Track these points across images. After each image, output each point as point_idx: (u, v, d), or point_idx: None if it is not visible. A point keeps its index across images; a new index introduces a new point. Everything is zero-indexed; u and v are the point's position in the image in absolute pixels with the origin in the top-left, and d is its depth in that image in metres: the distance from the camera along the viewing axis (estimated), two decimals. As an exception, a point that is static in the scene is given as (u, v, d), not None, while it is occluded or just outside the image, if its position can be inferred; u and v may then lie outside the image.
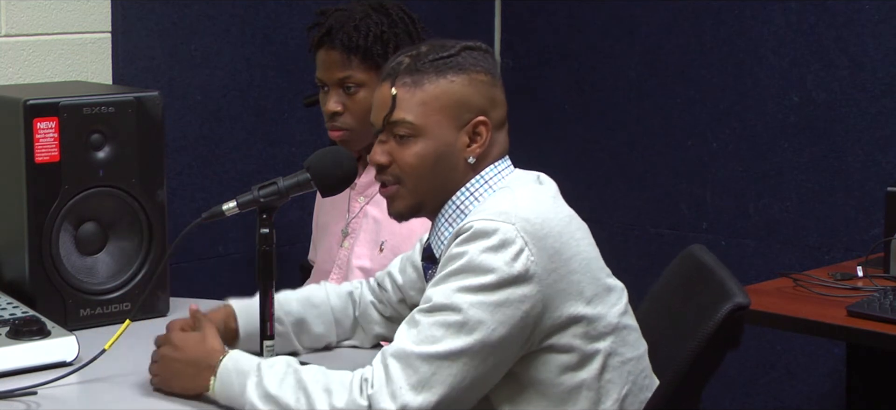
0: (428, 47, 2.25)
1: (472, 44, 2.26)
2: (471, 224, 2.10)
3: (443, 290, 2.08)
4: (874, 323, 3.00)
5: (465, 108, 2.21)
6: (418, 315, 2.09)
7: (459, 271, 2.08)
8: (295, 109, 3.98)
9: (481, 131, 2.22)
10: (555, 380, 2.15)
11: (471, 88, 2.22)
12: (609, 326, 2.17)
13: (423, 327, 2.07)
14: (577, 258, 2.14)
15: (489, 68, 2.25)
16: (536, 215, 2.12)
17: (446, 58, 2.22)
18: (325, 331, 2.52)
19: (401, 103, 2.20)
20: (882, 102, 3.81)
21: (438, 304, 2.08)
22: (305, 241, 3.22)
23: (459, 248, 2.10)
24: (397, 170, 2.23)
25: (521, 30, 4.55)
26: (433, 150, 2.21)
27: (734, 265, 3.87)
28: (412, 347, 2.06)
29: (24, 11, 3.42)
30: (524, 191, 2.20)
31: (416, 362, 2.05)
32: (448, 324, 2.06)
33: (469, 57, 2.23)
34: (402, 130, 2.21)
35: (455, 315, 2.06)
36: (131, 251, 2.80)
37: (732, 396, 4.13)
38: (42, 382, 2.28)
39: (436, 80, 2.21)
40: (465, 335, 2.06)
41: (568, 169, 4.43)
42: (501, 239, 2.08)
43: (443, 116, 2.20)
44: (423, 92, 2.20)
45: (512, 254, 2.07)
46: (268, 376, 2.12)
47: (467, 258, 2.08)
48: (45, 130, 2.68)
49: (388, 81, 2.23)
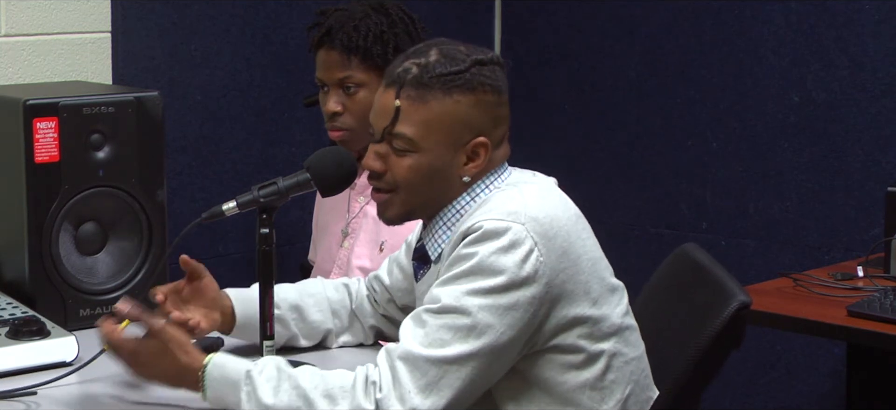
0: (437, 57, 2.18)
1: (483, 57, 2.19)
2: (480, 224, 2.08)
3: (452, 291, 2.07)
4: (874, 323, 3.00)
5: (467, 129, 2.17)
6: (426, 315, 2.07)
7: (469, 272, 2.07)
8: (295, 109, 3.98)
9: (480, 153, 2.18)
10: (559, 379, 2.14)
11: (476, 109, 2.17)
12: (613, 326, 2.17)
13: (431, 328, 2.06)
14: (584, 258, 2.14)
15: (497, 85, 2.19)
16: (545, 214, 2.11)
17: (455, 74, 2.15)
18: (322, 319, 2.50)
19: (403, 117, 2.16)
20: (882, 102, 3.81)
21: (448, 306, 2.06)
22: (305, 241, 3.22)
23: (469, 248, 2.08)
24: (391, 179, 2.20)
25: (521, 30, 4.55)
26: (428, 166, 2.17)
27: (734, 265, 3.87)
28: (420, 350, 2.05)
29: (24, 11, 3.42)
30: (531, 189, 2.18)
31: (424, 365, 2.04)
32: (457, 327, 2.05)
33: (478, 74, 2.17)
34: (400, 143, 2.17)
35: (464, 319, 2.05)
36: (131, 251, 2.80)
37: (732, 396, 4.13)
38: (42, 382, 2.28)
39: (441, 99, 2.15)
40: (474, 339, 2.05)
41: (568, 169, 4.43)
42: (511, 240, 2.06)
43: (443, 137, 2.16)
44: (428, 109, 2.15)
45: (522, 255, 2.06)
46: (260, 385, 2.07)
47: (477, 259, 2.06)
48: (44, 130, 2.68)
49: (393, 89, 2.18)
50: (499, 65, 2.21)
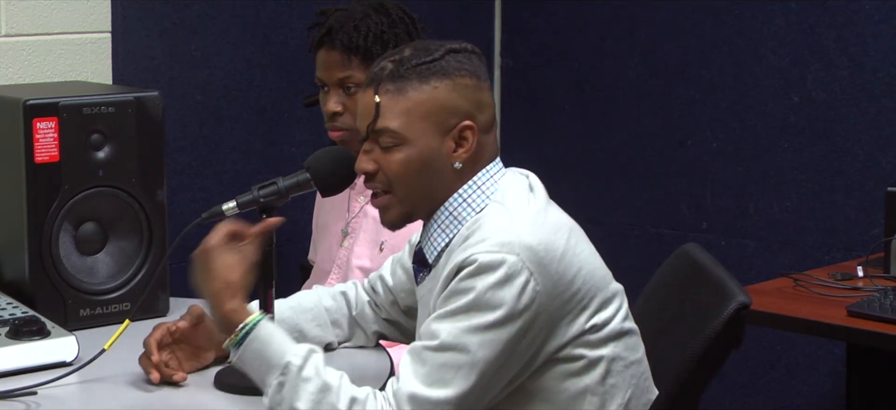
0: (411, 51, 2.20)
1: (457, 46, 2.21)
2: (475, 257, 2.07)
3: (450, 329, 2.06)
4: (874, 323, 3.00)
5: (451, 113, 2.17)
6: (426, 354, 2.07)
7: (467, 308, 2.06)
8: (295, 109, 3.98)
9: (467, 136, 2.18)
10: (559, 387, 2.14)
11: (455, 93, 2.17)
12: (612, 331, 2.17)
13: (432, 367, 2.06)
14: (580, 274, 2.13)
15: (475, 71, 2.20)
16: (538, 240, 2.09)
17: (429, 63, 2.17)
18: (321, 333, 2.50)
19: (384, 112, 2.16)
20: (882, 102, 3.81)
21: (447, 344, 2.06)
22: (305, 241, 3.22)
23: (466, 283, 2.07)
24: (385, 178, 2.20)
25: (521, 30, 4.55)
26: (418, 157, 2.17)
27: (734, 265, 3.87)
28: (425, 391, 2.05)
29: (24, 11, 3.42)
30: (522, 214, 2.16)
31: (429, 406, 2.05)
32: (458, 366, 2.05)
33: (453, 60, 2.18)
34: (386, 139, 2.17)
35: (464, 356, 2.05)
36: (131, 251, 2.80)
37: (732, 396, 4.13)
38: (42, 382, 2.28)
39: (419, 86, 2.16)
40: (476, 374, 2.06)
41: (568, 169, 4.44)
42: (507, 273, 2.06)
43: (427, 123, 2.16)
44: (407, 100, 2.16)
45: (519, 287, 2.06)
46: (289, 391, 2.08)
47: (475, 294, 2.06)
48: (44, 130, 2.68)
49: (372, 87, 2.19)
50: (475, 53, 2.23)
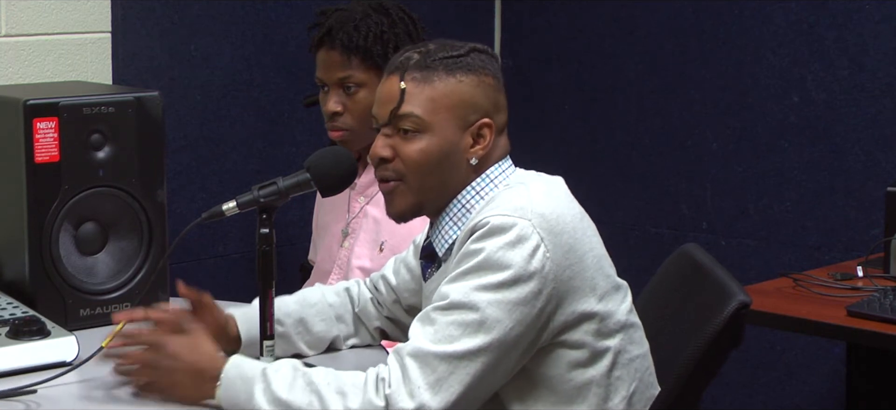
0: (437, 46, 2.25)
1: (480, 47, 2.27)
2: (487, 220, 2.10)
3: (460, 287, 2.08)
4: (874, 323, 3.00)
5: (472, 109, 2.21)
6: (434, 313, 2.08)
7: (476, 268, 2.08)
8: (295, 109, 3.98)
9: (485, 133, 2.22)
10: (565, 376, 2.15)
11: (478, 89, 2.22)
12: (618, 323, 2.18)
13: (440, 325, 2.07)
14: (590, 255, 2.15)
15: (495, 72, 2.26)
16: (552, 210, 2.13)
17: (456, 57, 2.22)
18: (326, 328, 2.50)
19: (409, 97, 2.20)
20: (882, 102, 3.81)
21: (456, 302, 2.07)
22: (305, 241, 3.22)
23: (476, 244, 2.09)
24: (400, 165, 2.22)
25: (521, 30, 4.55)
26: (437, 147, 2.20)
27: (734, 265, 3.87)
28: (429, 346, 2.06)
29: (24, 11, 3.42)
30: (538, 186, 2.20)
31: (433, 361, 2.05)
32: (466, 323, 2.06)
33: (477, 59, 2.24)
34: (408, 124, 2.20)
35: (472, 314, 2.06)
36: (131, 251, 2.80)
37: (732, 396, 4.13)
38: (42, 381, 2.28)
39: (445, 78, 2.20)
40: (483, 335, 2.06)
41: (568, 169, 4.41)
42: (518, 235, 2.08)
43: (450, 115, 2.20)
44: (433, 88, 2.20)
45: (529, 250, 2.08)
46: (275, 381, 2.09)
47: (485, 254, 2.08)
48: (44, 130, 2.68)
49: (397, 74, 2.22)
50: (495, 57, 2.29)
